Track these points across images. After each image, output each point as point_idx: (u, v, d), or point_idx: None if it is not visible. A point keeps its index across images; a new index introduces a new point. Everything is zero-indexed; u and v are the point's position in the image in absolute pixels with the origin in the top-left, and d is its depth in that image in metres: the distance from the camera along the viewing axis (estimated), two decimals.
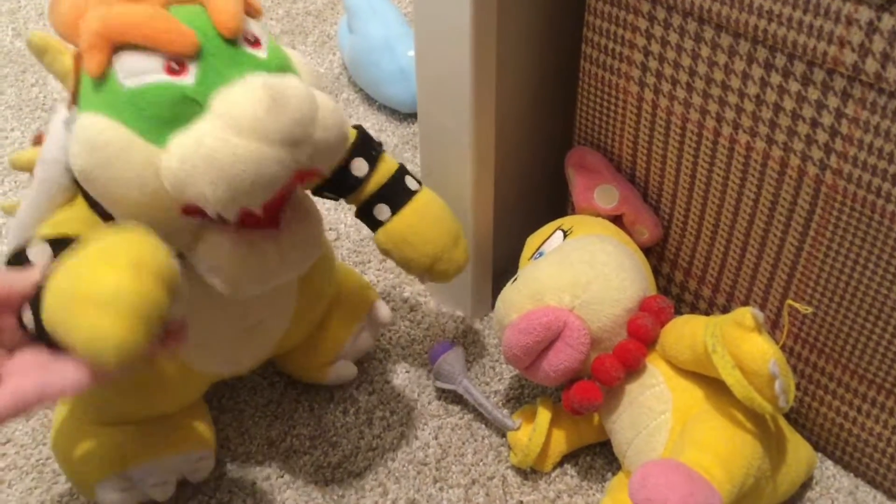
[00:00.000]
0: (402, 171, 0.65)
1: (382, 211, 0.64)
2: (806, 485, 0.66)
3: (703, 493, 0.51)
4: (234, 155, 0.46)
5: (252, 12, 0.53)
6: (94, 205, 0.53)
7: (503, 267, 0.78)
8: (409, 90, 1.00)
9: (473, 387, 0.69)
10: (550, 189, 0.79)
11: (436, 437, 0.70)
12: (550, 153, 0.78)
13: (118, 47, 0.48)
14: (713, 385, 0.59)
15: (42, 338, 0.46)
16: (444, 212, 0.66)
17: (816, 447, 0.68)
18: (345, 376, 0.71)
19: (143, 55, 0.48)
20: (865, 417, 0.63)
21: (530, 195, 0.80)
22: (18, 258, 0.50)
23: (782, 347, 0.66)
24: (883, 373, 0.60)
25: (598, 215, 0.70)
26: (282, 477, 0.67)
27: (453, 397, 0.73)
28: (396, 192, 0.64)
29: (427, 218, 0.64)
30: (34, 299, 0.46)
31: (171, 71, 0.48)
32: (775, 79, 0.55)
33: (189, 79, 0.48)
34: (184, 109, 0.47)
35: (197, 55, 0.48)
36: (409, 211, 0.64)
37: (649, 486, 0.51)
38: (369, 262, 0.86)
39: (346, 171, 0.63)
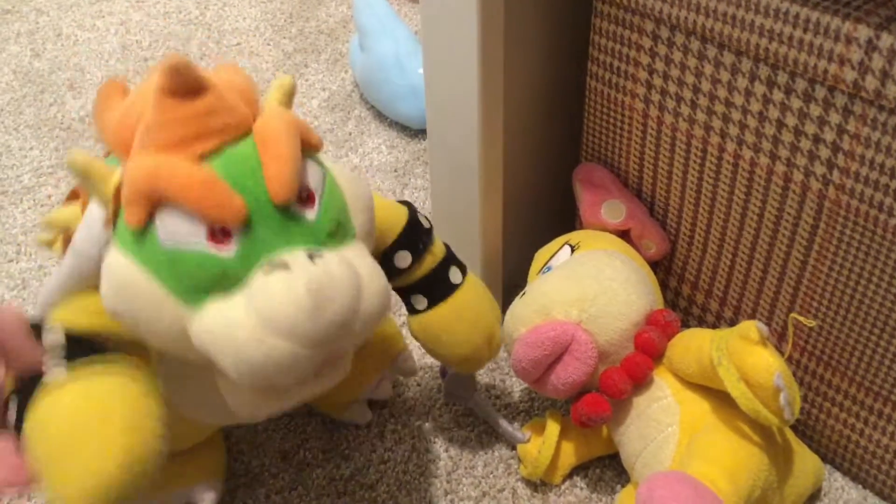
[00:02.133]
0: (447, 263, 0.62)
1: (419, 301, 0.61)
2: (814, 497, 0.66)
3: None
4: (268, 356, 0.44)
5: (311, 149, 0.49)
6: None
7: (513, 281, 0.79)
8: (420, 107, 1.01)
9: (484, 400, 0.70)
10: (558, 204, 0.80)
11: (447, 450, 0.70)
12: (558, 169, 0.79)
13: (162, 203, 0.45)
14: (720, 398, 0.59)
15: (17, 430, 0.46)
16: (481, 307, 0.63)
17: (824, 459, 0.68)
18: (359, 419, 0.71)
19: (188, 219, 0.45)
20: (873, 429, 0.63)
21: (538, 210, 0.80)
22: (36, 329, 0.49)
23: (789, 360, 0.66)
24: (889, 385, 0.61)
25: (605, 230, 0.70)
26: (294, 489, 0.68)
27: (464, 411, 0.73)
28: (437, 286, 0.61)
29: (464, 318, 0.61)
30: (23, 392, 0.46)
31: (213, 238, 0.45)
32: (777, 96, 0.56)
33: (232, 250, 0.45)
34: (223, 281, 0.45)
35: (244, 224, 0.45)
36: (446, 308, 0.61)
37: (656, 498, 0.52)
38: None
39: (388, 260, 0.59)
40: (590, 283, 0.62)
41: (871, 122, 0.52)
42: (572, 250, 0.68)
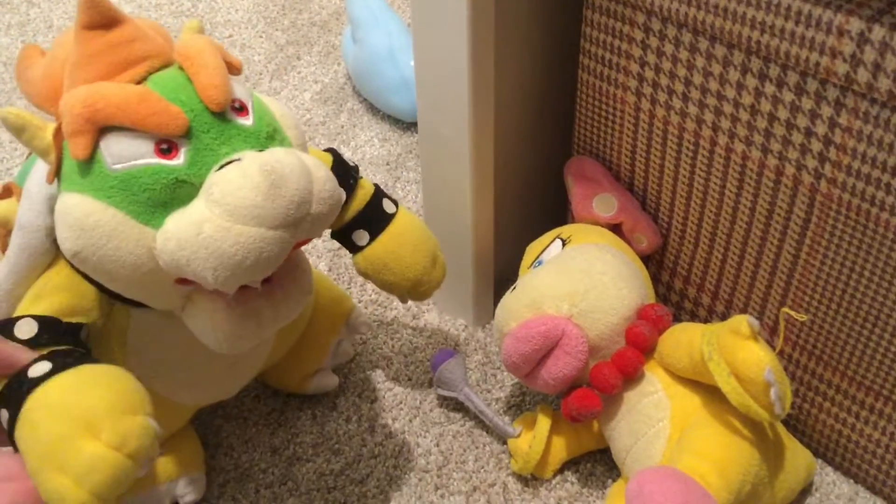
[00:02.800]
0: (378, 196, 0.65)
1: (361, 237, 0.64)
2: (805, 491, 0.66)
3: (700, 500, 0.52)
4: (237, 243, 0.45)
5: (233, 71, 0.52)
6: (77, 268, 0.52)
7: (504, 275, 0.79)
8: (412, 99, 1.01)
9: (474, 394, 0.70)
10: (550, 198, 0.80)
11: (437, 445, 0.70)
12: (549, 162, 0.79)
13: (104, 129, 0.47)
14: (711, 392, 0.59)
15: (10, 438, 0.46)
16: (422, 233, 0.65)
17: (816, 454, 0.68)
18: (326, 387, 0.72)
19: (132, 138, 0.46)
20: (864, 424, 0.63)
21: (530, 204, 0.80)
22: (3, 331, 0.50)
23: (780, 354, 0.66)
24: (881, 379, 0.60)
25: (596, 224, 0.70)
26: (284, 485, 0.67)
27: (454, 405, 0.73)
28: (374, 218, 0.64)
29: (406, 243, 0.64)
30: (14, 394, 0.46)
31: (160, 153, 0.47)
32: (769, 89, 0.56)
33: (180, 160, 0.47)
34: (178, 192, 0.47)
35: (187, 134, 0.47)
36: (387, 236, 0.64)
37: (646, 494, 0.52)
38: None
39: None
40: (581, 278, 0.62)
41: (862, 115, 0.52)
42: (563, 244, 0.68)
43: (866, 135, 0.52)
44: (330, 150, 0.64)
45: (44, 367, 0.47)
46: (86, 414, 0.44)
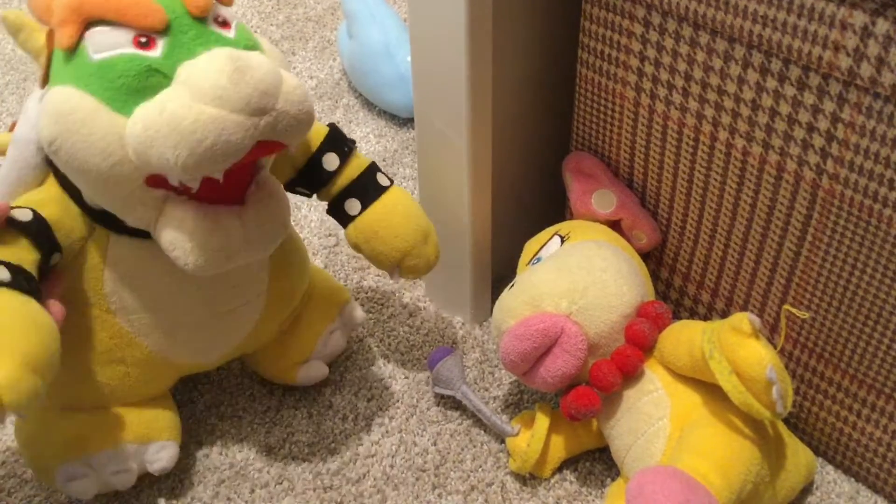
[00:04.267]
0: (373, 168, 0.66)
1: (353, 206, 0.65)
2: (806, 490, 0.66)
3: (701, 500, 0.51)
4: (197, 120, 0.47)
5: (224, 1, 0.55)
6: (64, 184, 0.55)
7: (502, 272, 0.78)
8: (409, 95, 1.00)
9: (472, 392, 0.69)
10: (548, 194, 0.79)
11: (434, 444, 0.69)
12: (548, 158, 0.78)
13: (90, 23, 0.50)
14: (711, 391, 0.58)
15: None
16: (414, 208, 0.66)
17: (817, 452, 0.68)
18: (315, 377, 0.71)
19: (113, 30, 0.50)
20: (865, 422, 0.63)
21: (528, 200, 0.80)
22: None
23: (781, 352, 0.65)
24: (882, 377, 0.60)
25: (595, 220, 0.70)
26: (280, 484, 0.67)
27: (452, 403, 0.72)
28: (367, 188, 0.65)
29: (397, 213, 0.65)
30: None
31: (139, 45, 0.49)
32: (771, 83, 0.55)
33: (156, 52, 0.49)
34: (150, 81, 0.49)
35: (165, 30, 0.50)
36: (380, 205, 0.65)
37: (646, 493, 0.51)
38: (368, 267, 0.86)
39: (317, 164, 0.64)
40: (580, 275, 0.61)
41: (865, 110, 0.51)
42: (562, 241, 0.68)
43: (869, 130, 0.52)
44: (329, 124, 0.66)
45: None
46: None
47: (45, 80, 0.53)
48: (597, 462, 0.68)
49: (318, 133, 0.65)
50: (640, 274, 0.64)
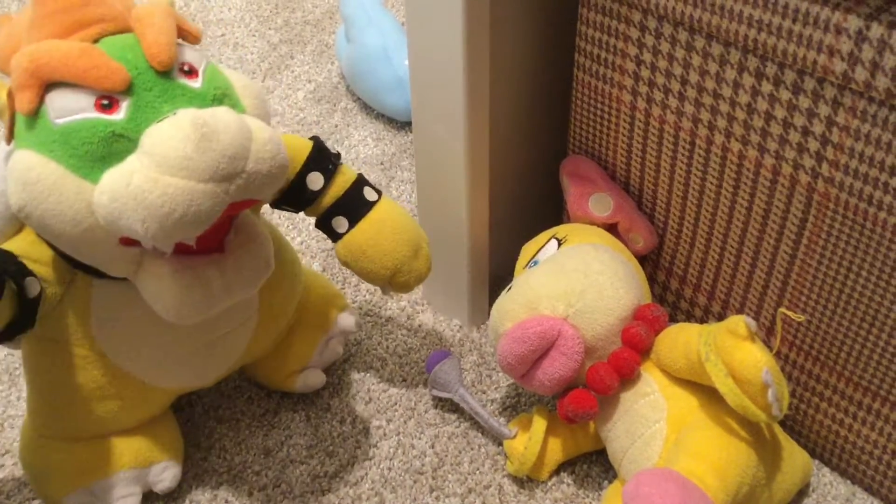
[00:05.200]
0: (359, 183, 0.65)
1: (341, 223, 0.64)
2: (802, 492, 0.66)
3: (697, 502, 0.51)
4: (164, 194, 0.45)
5: (189, 38, 0.53)
6: (41, 236, 0.53)
7: (500, 275, 0.78)
8: (407, 99, 1.00)
9: (470, 395, 0.69)
10: (545, 198, 0.80)
11: (432, 446, 0.70)
12: (545, 162, 0.78)
13: (49, 84, 0.48)
14: (708, 393, 0.59)
15: None
16: (403, 222, 0.65)
17: (813, 454, 0.68)
18: (313, 385, 0.71)
19: (74, 92, 0.48)
20: (861, 424, 0.63)
21: (525, 204, 0.80)
22: None
23: (777, 355, 0.66)
24: (878, 380, 0.60)
25: (592, 224, 0.70)
26: (278, 487, 0.67)
27: (450, 406, 0.73)
28: (354, 205, 0.64)
29: (385, 230, 0.63)
30: None
31: (101, 108, 0.47)
32: (766, 87, 0.56)
33: (120, 115, 0.48)
34: (115, 146, 0.47)
35: (128, 90, 0.48)
36: (367, 224, 0.63)
37: (643, 495, 0.51)
38: None
39: (301, 184, 0.63)
40: (577, 278, 0.61)
41: (860, 113, 0.52)
42: (559, 244, 0.68)
43: (864, 134, 0.52)
44: (313, 138, 0.65)
45: None
46: None
47: (11, 137, 0.51)
48: (594, 464, 0.68)
49: (301, 150, 0.63)
50: (636, 277, 0.65)
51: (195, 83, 0.50)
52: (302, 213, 0.65)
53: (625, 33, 0.63)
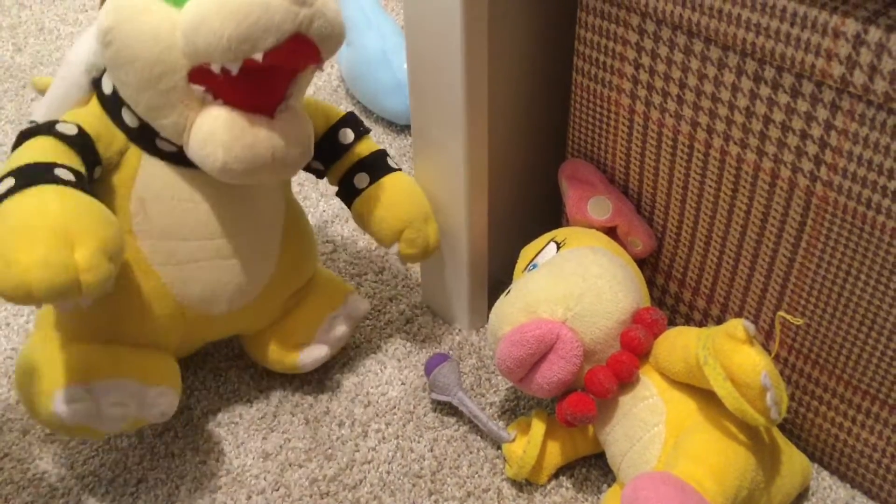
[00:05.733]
0: (384, 152, 0.72)
1: (362, 179, 0.70)
2: (802, 496, 0.66)
3: None
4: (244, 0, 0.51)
5: None
6: (104, 105, 0.60)
7: (499, 279, 0.78)
8: (406, 102, 1.00)
9: (469, 399, 0.69)
10: (544, 201, 0.80)
11: (431, 450, 0.70)
12: (544, 165, 0.78)
13: None
14: (706, 397, 0.59)
15: None
16: (419, 192, 0.71)
17: (812, 458, 0.68)
18: (317, 358, 0.72)
19: None
20: (860, 428, 0.63)
21: (524, 207, 0.80)
22: (48, 126, 0.57)
23: (776, 358, 0.66)
24: (877, 383, 0.60)
25: (591, 227, 0.70)
26: (277, 490, 0.67)
27: (449, 409, 0.73)
28: (377, 164, 0.71)
29: (403, 190, 0.70)
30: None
31: None
32: (764, 91, 0.56)
33: None
34: None
35: None
36: (387, 181, 0.70)
37: (641, 499, 0.51)
38: (366, 273, 0.86)
39: (334, 137, 0.70)
40: (576, 281, 0.61)
41: (858, 117, 0.52)
42: (558, 247, 0.68)
43: (862, 137, 0.52)
44: (348, 112, 0.72)
45: (8, 181, 0.52)
46: (69, 226, 0.50)
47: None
48: (593, 468, 0.68)
49: (338, 112, 0.71)
50: (635, 280, 0.65)
51: None
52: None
53: (623, 37, 0.63)
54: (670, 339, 0.60)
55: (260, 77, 0.56)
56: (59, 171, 0.54)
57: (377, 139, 1.03)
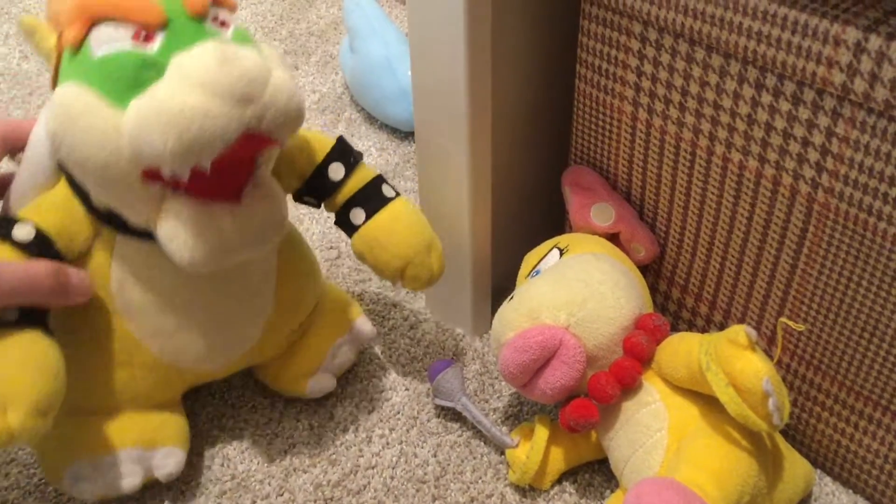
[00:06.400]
0: (378, 180, 0.68)
1: (357, 215, 0.67)
2: (804, 502, 0.66)
3: None
4: (183, 106, 0.48)
5: (226, 3, 0.56)
6: (73, 186, 0.58)
7: (502, 285, 0.79)
8: (410, 109, 1.01)
9: (472, 404, 0.69)
10: (547, 207, 0.80)
11: (435, 455, 0.70)
12: (547, 172, 0.78)
13: (94, 22, 0.52)
14: (709, 403, 0.59)
15: None
16: (419, 220, 0.68)
17: (815, 464, 0.68)
18: (324, 388, 0.72)
19: (115, 27, 0.52)
20: (863, 434, 0.63)
21: (527, 213, 0.80)
22: (4, 229, 0.55)
23: (778, 364, 0.66)
24: (879, 389, 0.60)
25: (594, 233, 0.70)
26: (281, 496, 0.67)
27: (452, 415, 0.73)
28: (372, 198, 0.67)
29: (401, 223, 0.67)
30: None
31: (138, 40, 0.51)
32: (766, 98, 0.56)
33: (154, 47, 0.51)
34: (146, 74, 0.51)
35: (163, 26, 0.52)
36: (384, 214, 0.67)
37: None
38: (370, 279, 0.86)
39: (323, 174, 0.67)
40: (578, 287, 0.62)
41: (859, 124, 0.52)
42: (561, 253, 0.68)
43: (863, 144, 0.52)
44: (338, 137, 0.68)
45: None
46: (6, 391, 0.50)
47: (55, 83, 0.55)
48: (596, 474, 0.68)
49: (325, 144, 0.67)
50: (638, 286, 0.65)
51: (226, 32, 0.55)
52: (307, 224, 0.66)
53: (626, 45, 0.63)
54: (673, 344, 0.61)
55: (218, 168, 0.51)
56: None
57: (381, 146, 1.04)
